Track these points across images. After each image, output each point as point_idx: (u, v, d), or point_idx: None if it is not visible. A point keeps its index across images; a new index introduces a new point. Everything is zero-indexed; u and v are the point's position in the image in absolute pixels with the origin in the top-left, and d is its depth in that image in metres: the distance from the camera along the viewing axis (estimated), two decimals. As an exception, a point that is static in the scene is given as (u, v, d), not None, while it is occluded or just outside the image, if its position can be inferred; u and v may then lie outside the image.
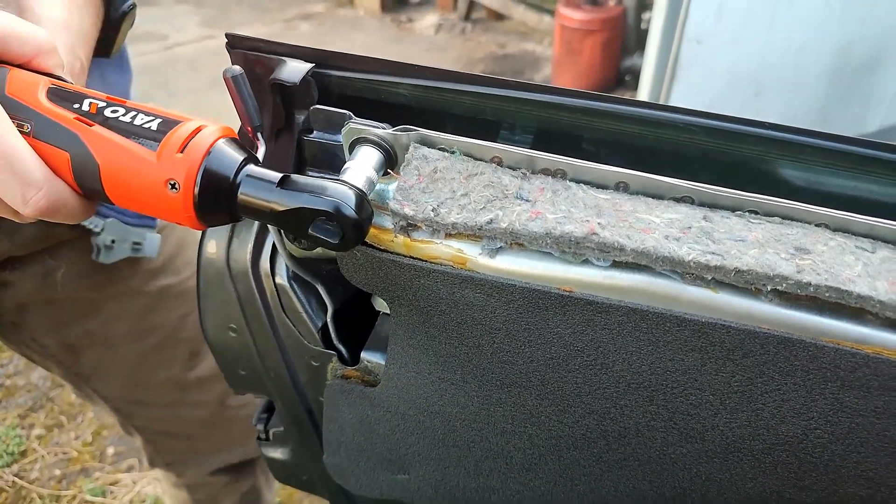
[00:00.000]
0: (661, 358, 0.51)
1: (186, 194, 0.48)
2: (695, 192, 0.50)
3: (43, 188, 0.49)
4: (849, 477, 0.52)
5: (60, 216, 0.52)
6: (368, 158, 0.52)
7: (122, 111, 0.50)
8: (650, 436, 0.57)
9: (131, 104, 0.51)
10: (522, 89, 0.55)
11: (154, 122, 0.49)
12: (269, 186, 0.48)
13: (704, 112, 0.52)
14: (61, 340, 1.03)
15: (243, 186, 0.49)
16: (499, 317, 0.54)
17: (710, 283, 0.48)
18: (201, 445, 1.23)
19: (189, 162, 0.47)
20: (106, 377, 1.10)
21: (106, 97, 0.51)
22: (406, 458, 0.70)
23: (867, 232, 0.48)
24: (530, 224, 0.49)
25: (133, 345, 1.07)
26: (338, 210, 0.46)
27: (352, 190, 0.47)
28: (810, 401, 0.49)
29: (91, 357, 1.07)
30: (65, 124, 0.50)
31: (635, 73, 3.76)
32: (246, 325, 0.70)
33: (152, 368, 1.10)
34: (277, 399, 0.78)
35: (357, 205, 0.47)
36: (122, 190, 0.50)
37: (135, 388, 1.12)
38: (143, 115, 0.50)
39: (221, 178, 0.48)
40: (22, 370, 2.39)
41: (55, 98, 0.51)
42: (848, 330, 0.46)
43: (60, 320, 1.01)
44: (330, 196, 0.46)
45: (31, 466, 2.09)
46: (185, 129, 0.49)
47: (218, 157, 0.48)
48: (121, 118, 0.50)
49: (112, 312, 1.02)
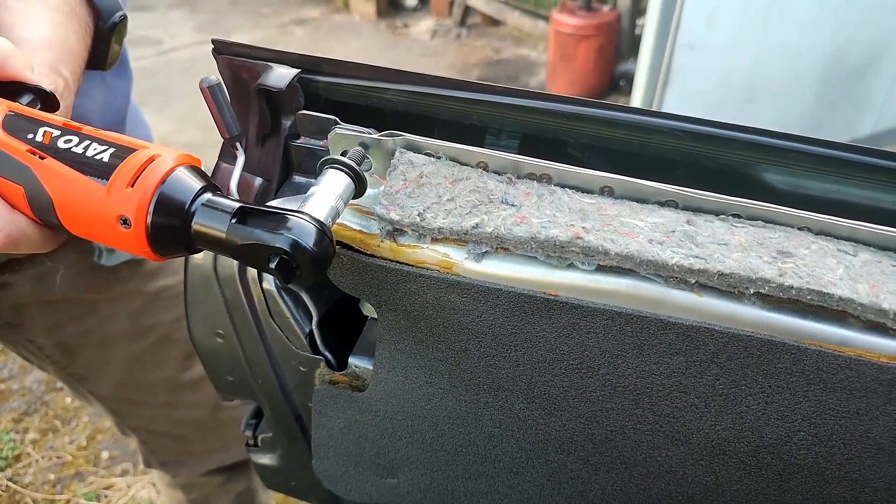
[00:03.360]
0: (645, 361, 0.52)
1: (138, 230, 0.46)
2: (679, 196, 0.51)
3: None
4: (833, 478, 0.52)
5: (24, 248, 0.52)
6: (335, 184, 0.49)
7: (75, 140, 0.48)
8: (636, 439, 0.57)
9: (88, 131, 0.49)
10: (507, 94, 0.55)
11: (106, 152, 0.47)
12: (223, 218, 0.46)
13: (688, 117, 0.52)
14: (58, 341, 1.04)
15: (198, 217, 0.46)
16: (485, 321, 0.54)
17: (694, 287, 0.48)
18: (195, 446, 1.23)
19: (139, 197, 0.45)
20: (101, 377, 1.11)
21: (63, 123, 0.50)
22: (395, 462, 0.70)
23: (849, 235, 0.49)
24: (515, 228, 0.50)
25: (129, 345, 1.07)
26: (295, 247, 0.44)
27: (311, 224, 0.45)
28: (794, 403, 0.49)
29: (87, 357, 1.07)
30: (18, 157, 0.48)
31: (629, 78, 3.78)
32: (233, 331, 0.70)
33: (147, 369, 1.11)
34: (266, 404, 0.78)
35: (316, 241, 0.45)
36: (77, 224, 0.48)
37: (130, 388, 1.12)
38: (96, 143, 0.48)
39: (175, 211, 0.46)
40: (16, 374, 2.39)
41: (10, 128, 0.49)
42: (830, 333, 0.46)
43: (57, 321, 1.01)
44: (287, 233, 0.44)
45: (26, 471, 2.08)
46: (137, 160, 0.46)
47: (171, 189, 0.46)
48: (73, 149, 0.48)
49: (108, 313, 1.03)
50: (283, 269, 0.45)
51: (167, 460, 1.26)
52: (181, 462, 1.27)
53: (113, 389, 1.13)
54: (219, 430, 1.20)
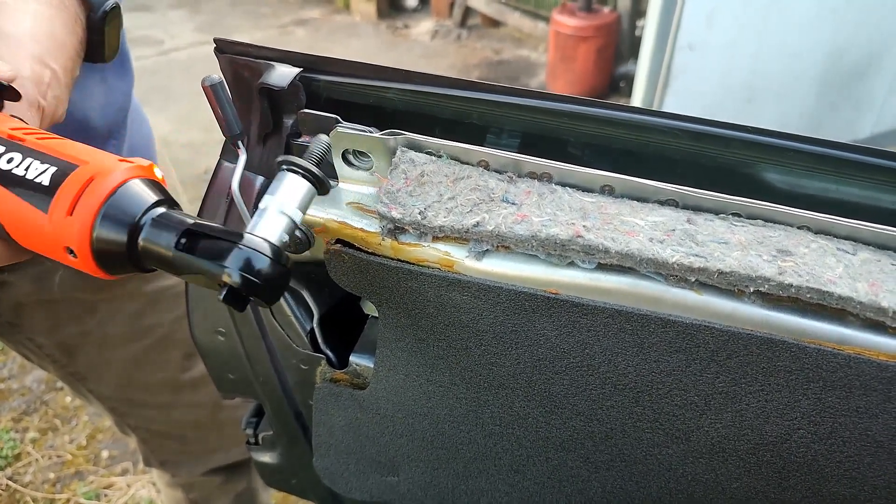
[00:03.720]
0: (646, 359, 0.52)
1: (85, 259, 0.44)
2: (679, 195, 0.51)
3: None
4: (832, 476, 0.52)
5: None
6: (291, 192, 0.47)
7: (17, 159, 0.47)
8: (636, 437, 0.57)
9: (30, 143, 0.48)
10: (508, 94, 0.55)
11: (47, 172, 0.45)
12: (170, 238, 0.43)
13: (688, 116, 0.52)
14: (58, 340, 1.04)
15: (145, 233, 0.44)
16: (486, 319, 0.54)
17: (694, 285, 0.48)
18: (195, 446, 1.24)
19: (79, 225, 0.43)
20: (101, 377, 1.11)
21: (7, 136, 0.48)
22: (395, 460, 0.70)
23: (848, 234, 0.49)
24: (516, 227, 0.50)
25: (129, 345, 1.07)
26: (244, 277, 0.41)
27: (262, 253, 0.42)
28: (793, 401, 0.50)
29: (87, 357, 1.07)
30: None
31: (629, 79, 3.78)
32: (234, 329, 0.70)
33: (147, 369, 1.11)
34: (266, 403, 0.78)
35: (267, 271, 0.42)
36: (33, 245, 0.47)
37: (130, 388, 1.13)
38: (38, 162, 0.46)
39: (121, 230, 0.44)
40: (16, 374, 2.39)
41: None
42: (829, 331, 0.47)
43: (57, 321, 1.01)
44: (233, 263, 0.41)
45: (25, 470, 2.08)
46: (76, 179, 0.44)
47: (116, 207, 0.44)
48: (14, 171, 0.46)
49: (108, 313, 1.03)
50: (232, 301, 0.43)
51: (167, 460, 1.27)
52: (181, 462, 1.27)
53: (113, 389, 1.13)
54: (218, 430, 1.21)
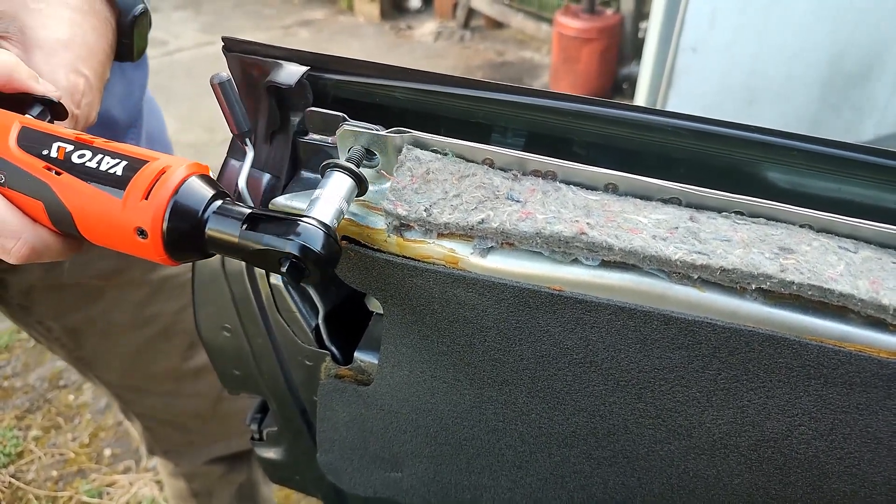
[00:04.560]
0: (648, 356, 0.52)
1: (155, 240, 0.48)
2: (682, 193, 0.51)
3: (22, 237, 0.51)
4: (833, 473, 0.53)
5: (47, 258, 0.54)
6: (339, 187, 0.51)
7: (88, 155, 0.50)
8: (638, 433, 0.57)
9: (100, 144, 0.51)
10: (513, 93, 0.56)
11: (119, 165, 0.49)
12: (235, 224, 0.48)
13: (691, 115, 0.53)
14: (66, 325, 1.06)
15: (211, 223, 0.49)
16: (490, 315, 0.55)
17: (697, 282, 0.49)
18: (197, 436, 1.26)
19: (154, 209, 0.48)
20: (106, 363, 1.13)
21: (75, 137, 0.52)
22: (399, 455, 0.71)
23: (850, 232, 0.49)
24: (521, 224, 0.50)
25: (133, 333, 1.09)
26: (304, 252, 0.47)
27: (318, 228, 0.48)
28: (794, 398, 0.50)
29: (93, 343, 1.09)
30: (35, 174, 0.50)
31: (632, 81, 3.78)
32: (240, 326, 0.71)
33: (151, 357, 1.13)
34: (271, 399, 0.79)
35: (324, 244, 0.47)
36: (97, 235, 0.51)
37: (134, 375, 1.15)
38: (109, 157, 0.50)
39: (188, 219, 0.49)
40: (20, 372, 2.40)
41: (26, 144, 0.51)
42: (831, 328, 0.47)
43: (65, 306, 1.03)
44: (296, 238, 0.47)
45: (28, 467, 2.09)
46: (150, 171, 0.49)
47: (184, 198, 0.48)
48: (87, 164, 0.50)
49: (114, 300, 1.05)
50: (293, 273, 0.47)
51: (169, 448, 1.30)
52: (183, 451, 1.30)
53: (117, 376, 1.15)
54: (220, 420, 1.23)
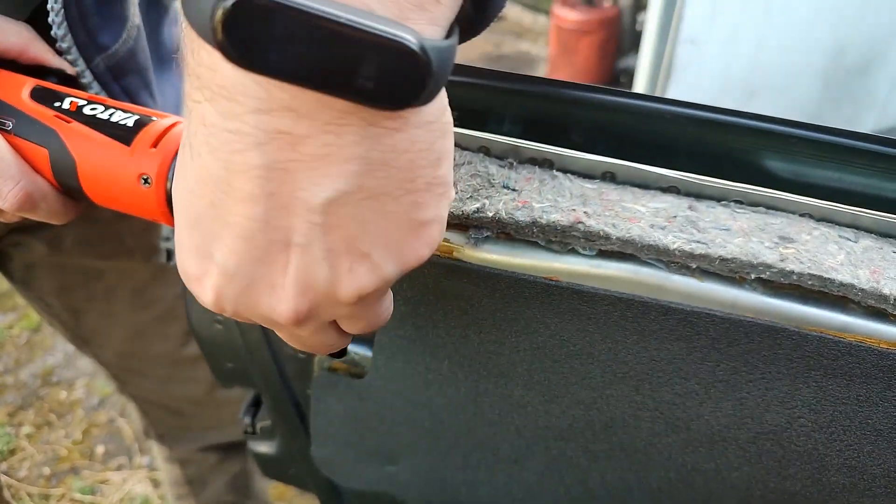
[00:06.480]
0: (646, 347, 0.51)
1: (158, 189, 0.48)
2: (681, 181, 0.50)
3: (20, 182, 0.50)
4: (832, 465, 0.52)
5: (42, 212, 0.53)
6: None
7: (100, 109, 0.51)
8: (636, 426, 0.57)
9: (112, 102, 0.51)
10: (510, 80, 0.55)
11: (131, 118, 0.50)
12: None
13: (690, 103, 0.52)
14: (65, 303, 1.06)
15: None
16: (485, 306, 0.54)
17: (695, 272, 0.48)
18: (192, 422, 1.27)
19: (162, 156, 0.47)
20: (104, 343, 1.14)
21: (88, 96, 0.52)
22: (394, 449, 0.70)
23: (850, 222, 0.49)
24: (517, 213, 0.49)
25: (131, 315, 1.10)
26: None
27: None
28: (794, 389, 0.49)
29: (91, 322, 1.10)
30: (44, 121, 0.50)
31: (630, 73, 3.77)
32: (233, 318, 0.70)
33: (148, 341, 1.14)
34: (264, 392, 0.78)
35: None
36: (97, 186, 0.50)
37: (131, 357, 1.16)
38: (121, 112, 0.50)
39: None
40: (11, 368, 2.38)
41: (38, 97, 0.52)
42: (831, 318, 0.46)
43: (65, 283, 1.04)
44: None
45: (20, 464, 2.08)
46: (161, 124, 0.49)
47: None
48: (98, 115, 0.50)
49: (114, 282, 1.05)
50: None
51: (164, 433, 1.31)
52: (178, 436, 1.31)
53: (114, 357, 1.16)
54: (215, 408, 1.24)
